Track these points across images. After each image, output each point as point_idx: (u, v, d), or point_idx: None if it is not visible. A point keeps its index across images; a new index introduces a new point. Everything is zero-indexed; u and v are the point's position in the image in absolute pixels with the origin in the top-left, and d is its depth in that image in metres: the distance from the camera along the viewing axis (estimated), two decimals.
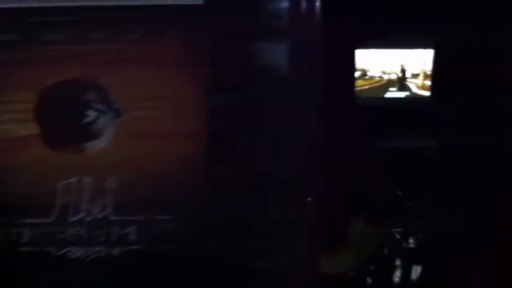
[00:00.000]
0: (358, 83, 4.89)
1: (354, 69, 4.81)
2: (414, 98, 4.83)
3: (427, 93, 4.78)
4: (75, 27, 1.64)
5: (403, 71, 4.80)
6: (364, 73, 4.87)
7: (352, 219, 3.37)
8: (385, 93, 4.90)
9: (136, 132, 1.67)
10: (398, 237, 3.71)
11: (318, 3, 1.93)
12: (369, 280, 3.47)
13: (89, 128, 1.67)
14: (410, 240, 3.79)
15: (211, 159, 1.68)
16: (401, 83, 4.85)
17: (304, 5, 1.92)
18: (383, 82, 4.92)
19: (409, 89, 4.87)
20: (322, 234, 2.58)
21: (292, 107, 1.73)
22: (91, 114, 1.67)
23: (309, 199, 1.72)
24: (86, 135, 1.68)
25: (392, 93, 4.89)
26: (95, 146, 1.67)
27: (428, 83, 4.77)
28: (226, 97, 1.72)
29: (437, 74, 4.69)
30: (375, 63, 4.87)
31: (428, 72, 4.76)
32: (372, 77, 4.92)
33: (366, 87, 4.93)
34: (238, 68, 1.74)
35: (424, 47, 4.73)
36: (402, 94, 4.87)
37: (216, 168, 1.70)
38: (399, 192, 4.39)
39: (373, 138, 4.43)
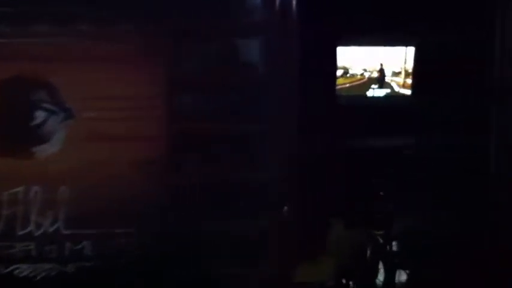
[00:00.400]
0: (339, 81, 4.76)
1: (335, 68, 4.68)
2: (395, 97, 4.72)
3: (408, 92, 4.68)
4: (17, 19, 1.47)
5: (381, 70, 4.70)
6: (345, 71, 4.75)
7: (331, 224, 3.23)
8: (366, 91, 4.78)
9: (91, 135, 1.51)
10: (381, 240, 3.59)
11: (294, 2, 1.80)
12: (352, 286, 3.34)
13: (37, 131, 1.50)
14: (394, 243, 3.67)
15: (175, 165, 1.53)
16: (382, 81, 4.74)
17: (278, 3, 1.78)
18: (364, 80, 4.80)
19: (390, 88, 4.76)
20: (300, 243, 2.46)
21: (266, 109, 1.60)
22: (39, 115, 1.50)
23: (284, 208, 1.59)
24: (34, 139, 1.51)
25: (374, 92, 4.77)
26: (44, 150, 1.50)
27: (409, 81, 4.66)
28: (191, 98, 1.57)
29: (419, 73, 4.60)
30: (356, 61, 4.74)
31: (410, 71, 4.66)
32: (353, 75, 4.79)
33: (347, 85, 4.80)
34: (205, 67, 1.60)
35: (406, 45, 4.63)
36: (383, 92, 4.76)
37: (180, 174, 1.55)
38: (381, 193, 4.29)
39: (353, 137, 4.33)
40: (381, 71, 4.66)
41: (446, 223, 3.76)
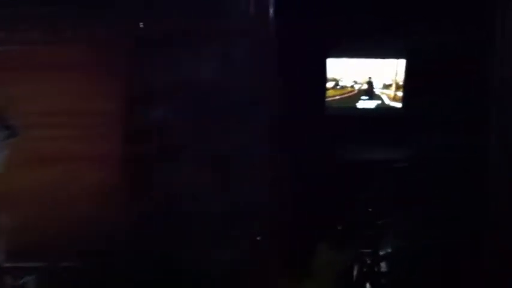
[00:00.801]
0: (329, 93, 4.66)
1: (324, 80, 4.58)
2: (384, 109, 4.62)
3: (398, 104, 4.58)
4: None
5: (369, 83, 4.62)
6: (335, 83, 4.65)
7: (315, 245, 3.07)
8: (355, 103, 4.67)
9: (37, 155, 1.34)
10: (369, 260, 3.43)
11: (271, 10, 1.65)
12: None
13: None
14: (383, 263, 3.52)
15: (136, 190, 1.36)
16: (371, 93, 4.64)
17: (255, 9, 1.64)
18: (354, 92, 4.70)
19: (379, 100, 4.66)
20: (283, 267, 2.30)
21: (240, 127, 1.44)
22: None
23: (258, 238, 1.43)
24: None
25: (363, 104, 4.67)
26: None
27: (400, 93, 4.57)
28: (153, 113, 1.40)
29: (410, 85, 4.50)
30: (346, 72, 4.64)
31: (401, 83, 4.56)
32: (343, 87, 4.69)
33: (337, 97, 4.70)
34: (171, 78, 1.43)
35: (396, 56, 4.53)
36: (372, 104, 4.66)
37: (142, 200, 1.38)
38: (370, 209, 4.14)
39: (342, 151, 4.21)
40: (370, 83, 4.58)
41: (440, 240, 3.61)
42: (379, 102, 4.65)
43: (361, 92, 4.64)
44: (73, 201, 1.34)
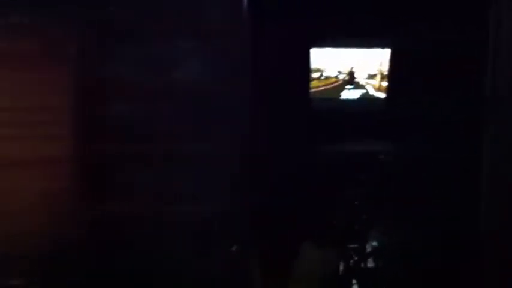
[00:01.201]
0: (313, 83, 4.56)
1: (307, 70, 4.48)
2: (369, 100, 4.54)
3: (384, 95, 4.51)
4: None
5: (353, 73, 4.53)
6: (320, 73, 4.55)
7: (302, 244, 2.97)
8: (340, 94, 4.59)
9: None
10: (356, 258, 3.36)
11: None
12: None
13: None
14: (371, 259, 3.45)
15: (93, 196, 1.23)
16: (356, 83, 4.56)
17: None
18: (338, 82, 4.61)
19: (365, 90, 4.58)
20: (267, 271, 2.20)
21: (213, 127, 1.32)
22: None
23: (233, 248, 1.32)
24: None
25: (347, 95, 4.58)
26: None
27: (385, 83, 4.49)
28: (114, 110, 1.27)
29: (396, 75, 4.43)
30: (329, 63, 4.54)
31: (386, 73, 4.48)
32: (327, 78, 4.60)
33: (321, 88, 4.60)
34: (137, 73, 1.30)
35: (381, 46, 4.44)
36: (357, 95, 4.58)
37: (100, 208, 1.25)
38: (356, 203, 4.07)
39: (326, 144, 4.14)
40: (353, 74, 4.49)
41: (428, 235, 3.56)
42: (364, 92, 4.57)
43: (345, 83, 4.55)
44: (18, 213, 1.20)
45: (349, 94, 4.57)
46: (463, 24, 3.83)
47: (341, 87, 4.58)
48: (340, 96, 4.57)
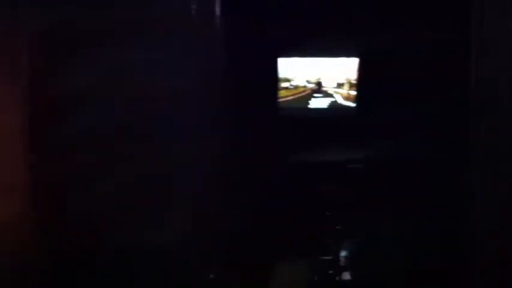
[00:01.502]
0: (281, 93, 4.50)
1: (276, 79, 4.42)
2: (338, 109, 4.51)
3: (353, 104, 4.49)
4: None
5: (321, 82, 4.50)
6: (287, 83, 4.50)
7: (273, 261, 2.85)
8: (308, 104, 4.54)
9: None
10: (329, 269, 3.27)
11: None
12: None
13: None
14: (345, 271, 3.38)
15: (42, 224, 1.10)
16: (324, 92, 4.53)
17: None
18: (307, 92, 4.57)
19: (333, 99, 4.55)
20: None
21: (182, 140, 1.21)
22: None
23: (211, 276, 1.21)
24: None
25: (316, 104, 4.55)
26: None
27: (353, 92, 4.48)
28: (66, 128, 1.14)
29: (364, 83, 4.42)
30: (297, 72, 4.50)
31: (354, 81, 4.47)
32: (295, 87, 4.55)
33: (290, 98, 4.55)
34: (95, 80, 1.18)
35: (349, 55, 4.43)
36: (325, 104, 4.55)
37: (50, 237, 1.12)
38: (328, 214, 4.01)
39: (296, 154, 4.06)
40: (321, 83, 4.47)
41: (402, 243, 3.51)
42: (333, 101, 4.55)
43: (314, 92, 4.52)
44: None
45: (318, 103, 4.54)
46: (429, 26, 3.85)
47: (309, 96, 4.55)
48: (308, 105, 4.53)
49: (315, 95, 4.53)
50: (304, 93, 4.56)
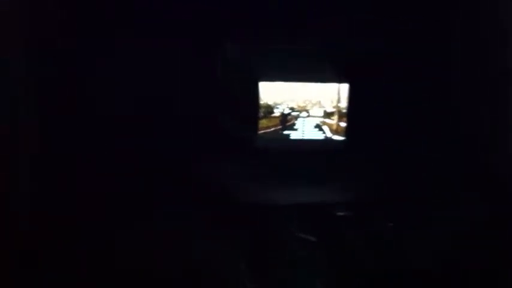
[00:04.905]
0: (262, 123, 3.99)
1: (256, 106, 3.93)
2: (326, 141, 3.99)
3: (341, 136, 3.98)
4: None
5: (307, 110, 4.02)
6: (268, 111, 4.00)
7: None
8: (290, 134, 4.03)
9: None
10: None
11: None
12: None
13: None
14: None
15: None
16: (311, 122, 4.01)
17: None
18: (291, 121, 4.07)
19: (320, 130, 4.05)
20: None
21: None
22: None
23: None
24: None
25: (299, 135, 4.04)
26: None
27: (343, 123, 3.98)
28: None
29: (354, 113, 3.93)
30: (281, 98, 4.01)
31: (344, 111, 3.98)
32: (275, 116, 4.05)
33: (271, 128, 4.04)
34: None
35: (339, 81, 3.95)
36: (312, 136, 4.03)
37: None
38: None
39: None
40: (308, 111, 3.97)
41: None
42: (320, 133, 4.04)
43: (298, 121, 4.02)
44: None
45: (303, 134, 4.02)
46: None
47: (293, 125, 4.04)
48: (290, 136, 4.02)
49: (299, 125, 4.02)
50: (288, 124, 4.06)
